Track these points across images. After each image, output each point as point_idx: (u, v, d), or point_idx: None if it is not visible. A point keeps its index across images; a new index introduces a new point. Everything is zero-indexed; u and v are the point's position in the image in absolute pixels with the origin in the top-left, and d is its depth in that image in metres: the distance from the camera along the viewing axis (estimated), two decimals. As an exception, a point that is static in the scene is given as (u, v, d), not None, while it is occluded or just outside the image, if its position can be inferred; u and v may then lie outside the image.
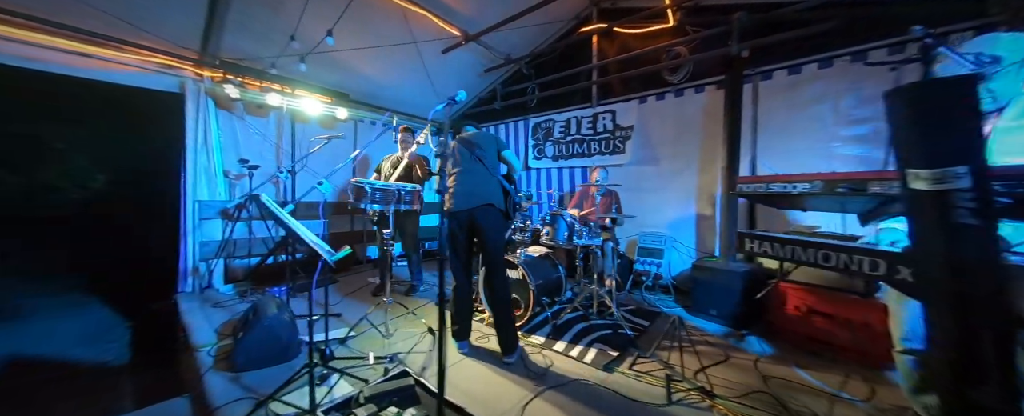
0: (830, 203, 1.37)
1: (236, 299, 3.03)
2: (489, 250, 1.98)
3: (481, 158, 2.03)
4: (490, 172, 2.04)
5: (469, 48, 3.93)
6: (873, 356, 1.90)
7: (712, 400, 1.59)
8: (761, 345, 2.21)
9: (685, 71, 3.19)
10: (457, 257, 2.02)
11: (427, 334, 2.32)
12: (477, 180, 2.02)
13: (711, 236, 3.22)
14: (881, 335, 1.71)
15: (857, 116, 2.54)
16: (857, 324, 2.00)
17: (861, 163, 2.50)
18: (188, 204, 3.24)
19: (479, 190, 1.99)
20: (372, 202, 1.91)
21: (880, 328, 1.82)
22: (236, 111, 3.56)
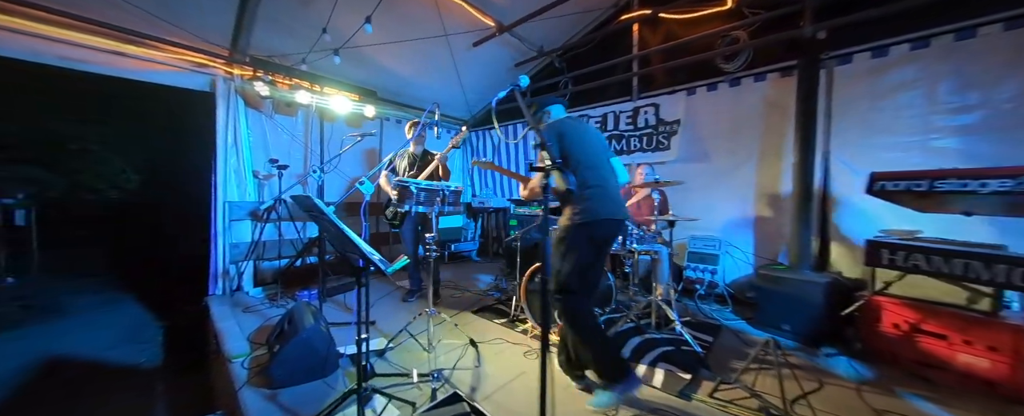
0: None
1: (266, 303, 2.93)
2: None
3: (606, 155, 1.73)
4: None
5: (500, 41, 3.74)
6: (1012, 385, 1.58)
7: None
8: (855, 368, 1.91)
9: (744, 58, 2.89)
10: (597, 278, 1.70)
11: (469, 347, 2.13)
12: (615, 182, 1.70)
13: (773, 240, 2.91)
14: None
15: (959, 103, 2.19)
16: (981, 347, 1.69)
17: (965, 158, 2.15)
18: (218, 205, 3.17)
19: (619, 196, 1.68)
20: (417, 203, 1.73)
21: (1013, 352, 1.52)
22: (265, 110, 3.48)
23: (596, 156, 1.64)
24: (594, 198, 1.55)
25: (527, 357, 2.03)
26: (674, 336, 2.20)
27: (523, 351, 2.09)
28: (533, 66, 4.42)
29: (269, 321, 2.52)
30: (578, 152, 1.57)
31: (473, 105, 5.02)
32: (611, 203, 1.60)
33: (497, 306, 2.87)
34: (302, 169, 3.81)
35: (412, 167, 2.87)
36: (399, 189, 1.70)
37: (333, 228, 0.90)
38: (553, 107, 1.83)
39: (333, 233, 0.99)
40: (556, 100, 1.87)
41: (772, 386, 1.63)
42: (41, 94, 3.80)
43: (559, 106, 1.84)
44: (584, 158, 1.58)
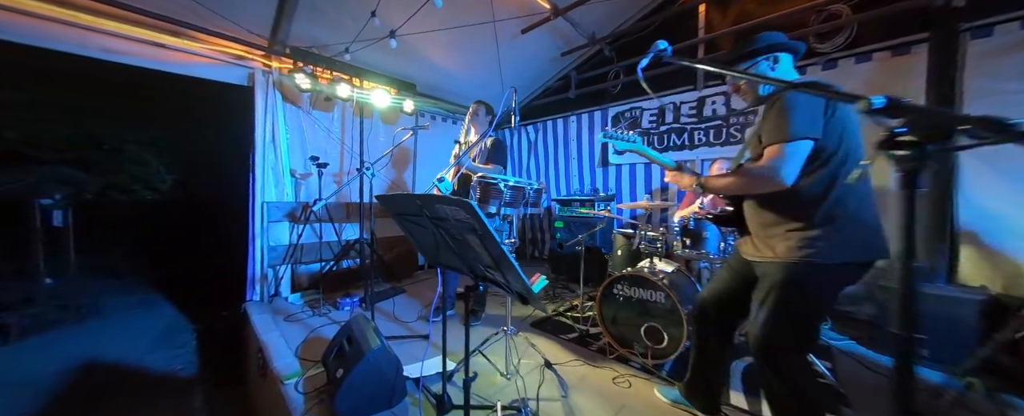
0: None
1: (307, 311, 2.72)
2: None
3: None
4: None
5: (548, 28, 3.45)
6: None
7: None
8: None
9: (845, 36, 2.51)
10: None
11: (545, 369, 1.84)
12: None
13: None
14: None
15: None
16: None
17: None
18: (256, 206, 2.99)
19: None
20: (504, 204, 1.46)
21: None
22: (302, 105, 3.30)
23: (862, 150, 1.08)
24: (860, 220, 1.03)
25: (619, 385, 1.72)
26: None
27: (611, 377, 1.79)
28: (578, 56, 4.11)
29: (315, 333, 2.30)
30: (851, 140, 1.03)
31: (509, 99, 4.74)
32: (878, 233, 1.06)
33: (557, 318, 2.58)
34: (339, 167, 3.62)
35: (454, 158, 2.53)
36: (483, 187, 1.43)
37: (488, 241, 0.63)
38: (785, 57, 1.18)
39: (492, 248, 0.69)
40: (785, 44, 1.17)
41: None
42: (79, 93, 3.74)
43: (790, 57, 1.20)
44: (854, 152, 1.04)
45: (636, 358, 1.92)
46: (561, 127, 4.54)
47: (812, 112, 1.01)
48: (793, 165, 1.01)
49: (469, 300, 0.95)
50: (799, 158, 1.01)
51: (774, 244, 1.12)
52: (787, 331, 1.09)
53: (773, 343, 1.10)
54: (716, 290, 1.38)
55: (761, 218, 1.17)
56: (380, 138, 3.92)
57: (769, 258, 1.12)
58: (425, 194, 0.76)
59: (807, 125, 1.00)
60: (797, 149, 1.01)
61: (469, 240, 0.71)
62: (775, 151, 1.03)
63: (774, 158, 1.03)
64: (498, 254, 0.65)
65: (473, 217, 0.61)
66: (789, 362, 1.11)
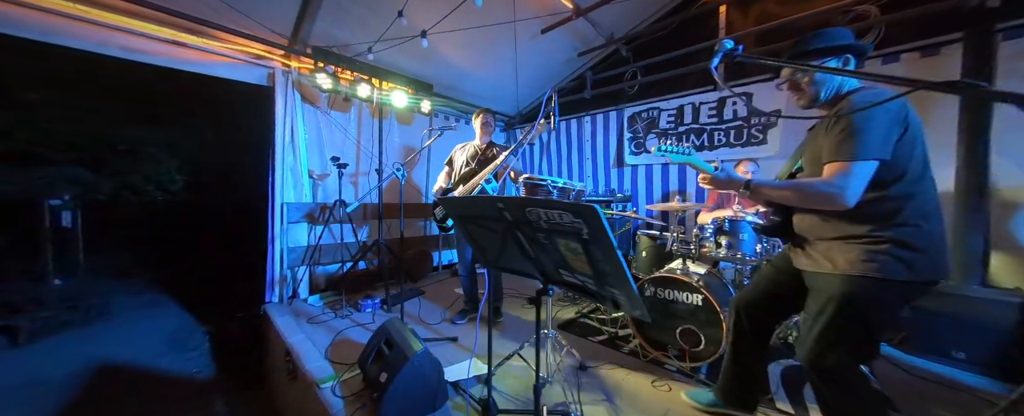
0: None
1: (329, 313, 2.69)
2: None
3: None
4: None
5: (567, 28, 3.43)
6: None
7: None
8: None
9: (873, 37, 2.50)
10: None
11: (580, 372, 1.82)
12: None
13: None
14: None
15: None
16: None
17: None
18: (276, 207, 2.97)
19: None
20: (552, 205, 1.44)
21: None
22: (320, 105, 3.28)
23: (929, 167, 1.05)
24: (928, 238, 0.99)
25: (658, 388, 1.70)
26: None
27: (649, 380, 1.76)
28: (591, 57, 4.10)
29: (342, 335, 2.28)
30: (921, 157, 1.01)
31: (523, 99, 4.73)
32: (944, 252, 1.03)
33: (582, 320, 2.56)
34: (355, 168, 3.60)
35: (472, 161, 2.41)
36: (529, 188, 1.40)
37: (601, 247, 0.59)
38: (854, 60, 1.12)
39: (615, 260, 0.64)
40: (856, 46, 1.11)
41: None
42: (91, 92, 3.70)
43: (855, 62, 1.13)
44: (923, 169, 1.02)
45: (671, 361, 1.90)
46: (575, 127, 4.52)
47: (885, 130, 0.98)
48: (858, 186, 0.98)
49: (540, 303, 0.93)
50: (864, 178, 0.98)
51: (834, 256, 1.07)
52: (841, 348, 1.04)
53: (825, 360, 1.06)
54: (755, 294, 1.36)
55: (821, 230, 1.11)
56: (395, 139, 3.90)
57: (828, 270, 1.07)
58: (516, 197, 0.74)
59: (878, 146, 0.97)
60: (863, 170, 0.97)
61: (559, 244, 0.69)
62: (840, 168, 0.99)
63: (838, 176, 0.99)
64: (615, 261, 0.63)
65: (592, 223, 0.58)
66: (843, 376, 1.07)
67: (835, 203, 0.99)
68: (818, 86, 1.13)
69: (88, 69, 2.42)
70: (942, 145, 2.23)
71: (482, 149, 2.43)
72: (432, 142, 2.25)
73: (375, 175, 3.22)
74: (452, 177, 2.45)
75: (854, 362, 1.09)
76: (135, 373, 3.07)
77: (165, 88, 2.78)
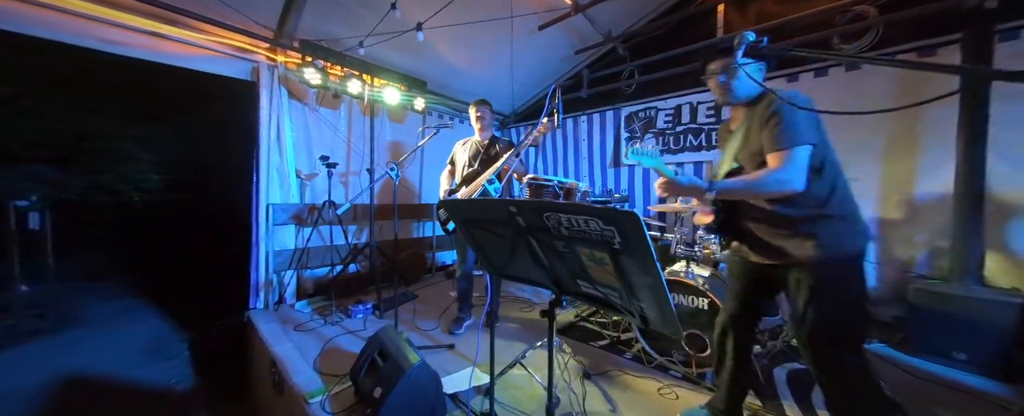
0: None
1: (318, 320, 2.57)
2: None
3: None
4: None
5: (564, 26, 3.37)
6: None
7: None
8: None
9: (871, 38, 2.50)
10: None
11: (584, 380, 1.75)
12: None
13: (903, 247, 2.51)
14: None
15: None
16: None
17: None
18: (261, 208, 2.82)
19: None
20: (558, 207, 1.36)
21: None
22: (308, 101, 3.14)
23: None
24: (856, 216, 1.14)
25: (665, 396, 1.65)
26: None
27: (655, 387, 1.71)
28: (587, 56, 4.04)
29: (331, 343, 2.16)
30: (832, 151, 1.15)
31: (518, 97, 4.65)
32: (866, 226, 1.16)
33: (582, 324, 2.50)
34: (346, 167, 3.46)
35: (474, 161, 2.29)
36: (534, 189, 1.33)
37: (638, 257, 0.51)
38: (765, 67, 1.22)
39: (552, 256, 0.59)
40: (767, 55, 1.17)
41: None
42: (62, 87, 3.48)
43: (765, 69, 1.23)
44: (836, 160, 1.16)
45: (676, 367, 1.85)
46: (571, 126, 4.47)
47: (813, 119, 1.10)
48: (803, 169, 1.07)
49: (553, 315, 0.85)
50: (805, 161, 1.08)
51: (796, 243, 1.12)
52: (838, 335, 1.09)
53: (827, 352, 1.10)
54: (735, 307, 1.36)
55: (774, 223, 1.17)
56: (388, 137, 3.78)
57: (798, 260, 1.12)
58: (533, 200, 0.66)
59: (810, 131, 1.08)
60: (803, 154, 1.07)
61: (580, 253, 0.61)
62: (785, 155, 1.08)
63: (785, 163, 1.07)
64: (654, 274, 0.55)
65: (628, 232, 0.50)
66: (848, 365, 1.09)
67: (788, 188, 1.07)
68: (746, 85, 1.19)
69: (59, 62, 2.25)
70: (940, 146, 2.24)
71: (484, 146, 2.32)
72: (426, 141, 2.15)
73: (367, 175, 3.10)
74: (455, 176, 2.37)
75: (855, 348, 1.11)
76: (108, 385, 2.88)
77: (142, 82, 2.61)
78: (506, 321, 2.52)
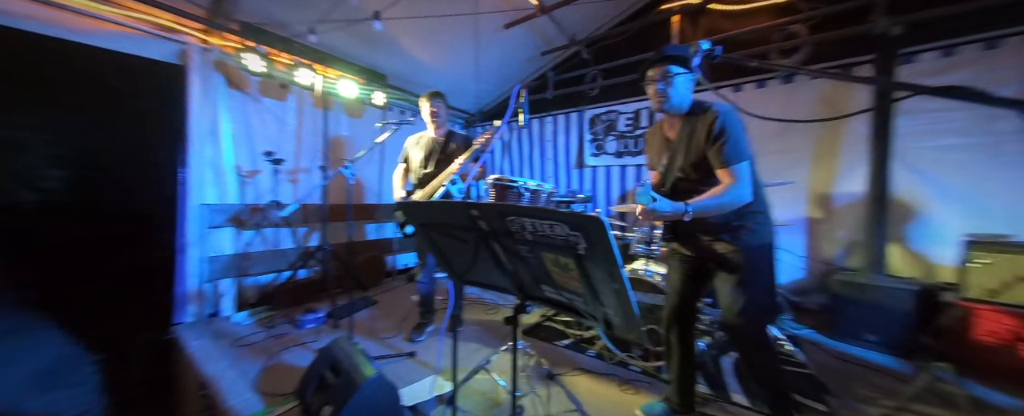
0: None
1: (261, 332, 2.33)
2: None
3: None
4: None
5: (530, 26, 3.38)
6: None
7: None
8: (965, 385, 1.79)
9: (802, 55, 2.78)
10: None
11: (549, 381, 1.75)
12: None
13: (827, 243, 2.82)
14: None
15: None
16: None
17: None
18: (189, 209, 2.50)
19: None
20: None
21: None
22: (250, 91, 2.84)
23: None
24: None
25: (626, 392, 1.69)
26: (771, 354, 1.98)
27: (617, 384, 1.75)
28: (557, 56, 4.09)
29: (276, 359, 1.96)
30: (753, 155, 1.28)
31: (484, 96, 4.60)
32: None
33: (546, 324, 2.51)
34: (294, 164, 3.18)
35: (429, 161, 2.11)
36: (500, 190, 1.28)
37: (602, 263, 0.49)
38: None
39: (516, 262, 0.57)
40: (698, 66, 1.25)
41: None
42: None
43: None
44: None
45: (636, 362, 1.91)
46: (537, 127, 4.50)
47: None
48: (750, 182, 1.19)
49: (516, 322, 0.82)
50: (750, 174, 1.20)
51: (735, 235, 1.25)
52: (763, 309, 1.30)
53: (753, 324, 1.26)
54: (677, 303, 1.46)
55: (713, 220, 1.26)
56: (343, 133, 3.54)
57: (732, 249, 1.25)
58: (496, 203, 0.62)
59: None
60: (749, 168, 1.20)
61: (545, 259, 0.59)
62: (738, 171, 1.18)
63: (740, 178, 1.18)
64: (619, 279, 0.54)
65: (594, 238, 0.48)
66: (766, 335, 1.33)
67: (744, 200, 1.19)
68: (681, 95, 1.27)
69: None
70: (857, 153, 2.55)
71: (440, 144, 2.15)
72: (387, 138, 2.02)
73: (319, 173, 2.88)
74: (410, 175, 2.23)
75: (771, 321, 1.37)
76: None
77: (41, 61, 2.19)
78: (470, 325, 2.46)
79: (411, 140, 2.30)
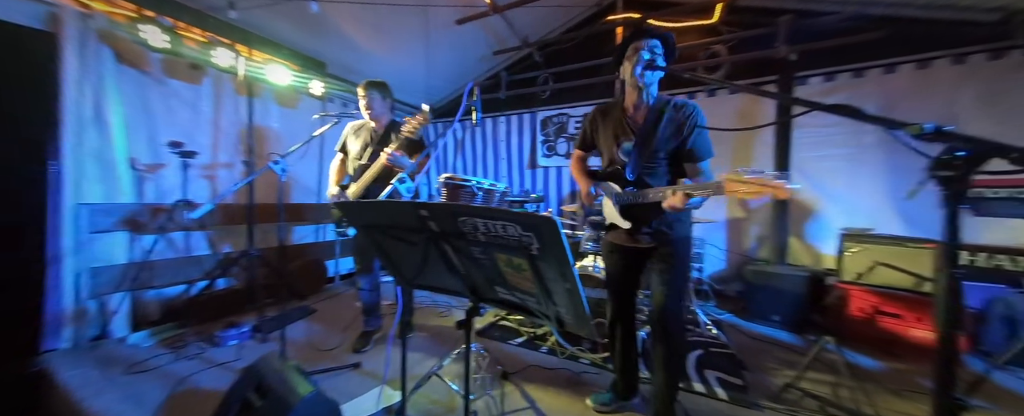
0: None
1: (166, 354, 1.98)
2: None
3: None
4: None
5: (483, 24, 3.35)
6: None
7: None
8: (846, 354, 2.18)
9: (723, 72, 3.14)
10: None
11: (503, 381, 1.75)
12: None
13: (743, 238, 3.24)
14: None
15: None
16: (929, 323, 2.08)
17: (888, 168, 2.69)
18: (65, 210, 2.04)
19: None
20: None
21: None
22: (150, 70, 2.40)
23: None
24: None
25: (575, 385, 1.75)
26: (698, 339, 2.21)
27: (565, 378, 1.80)
28: (507, 58, 4.12)
29: (185, 384, 1.68)
30: None
31: (435, 92, 4.45)
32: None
33: (501, 323, 2.51)
34: (211, 158, 2.77)
35: (364, 152, 1.98)
36: (451, 190, 1.23)
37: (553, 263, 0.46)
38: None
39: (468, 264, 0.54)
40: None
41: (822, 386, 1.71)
42: None
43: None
44: None
45: (586, 354, 2.00)
46: (490, 126, 4.48)
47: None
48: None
49: (470, 325, 0.79)
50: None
51: (671, 227, 1.34)
52: (684, 295, 1.47)
53: (678, 309, 1.36)
54: (619, 299, 1.50)
55: (657, 213, 1.30)
56: (273, 124, 3.16)
57: (669, 240, 1.34)
58: (447, 203, 0.58)
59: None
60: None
61: (498, 260, 0.57)
62: (707, 168, 1.31)
63: (709, 174, 1.29)
64: (570, 279, 0.53)
65: (547, 238, 0.47)
66: (684, 319, 1.52)
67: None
68: (656, 76, 1.30)
69: None
70: (765, 159, 2.95)
71: (379, 134, 2.00)
72: (324, 131, 1.83)
73: (243, 168, 2.54)
74: (348, 167, 2.06)
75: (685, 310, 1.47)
76: None
77: None
78: (421, 331, 2.36)
79: (350, 127, 2.14)
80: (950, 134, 0.50)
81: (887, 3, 2.53)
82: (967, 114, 2.47)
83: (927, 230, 2.39)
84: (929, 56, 2.57)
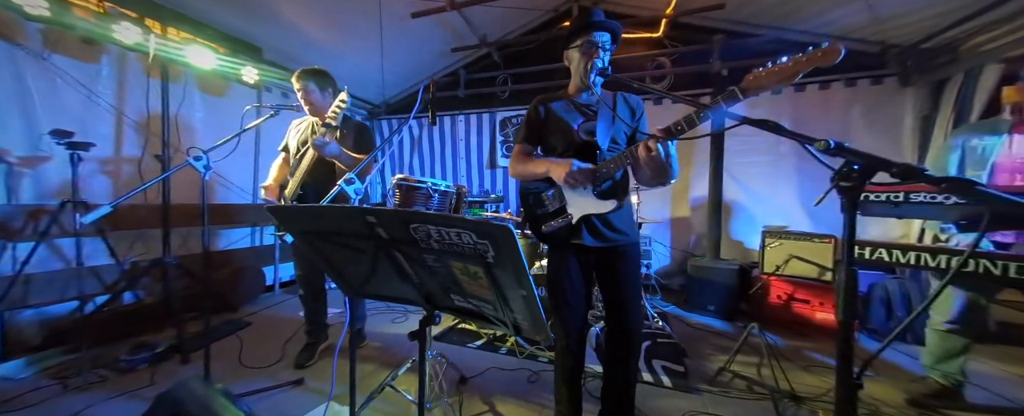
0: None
1: (52, 386, 1.65)
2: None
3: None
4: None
5: (440, 20, 3.25)
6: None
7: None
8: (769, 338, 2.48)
9: (667, 82, 3.40)
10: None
11: (461, 386, 1.71)
12: None
13: (684, 235, 3.53)
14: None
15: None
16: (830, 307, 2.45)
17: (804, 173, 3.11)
18: None
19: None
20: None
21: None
22: (26, 42, 1.98)
23: None
24: None
25: (532, 383, 1.78)
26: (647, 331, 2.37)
27: (527, 378, 1.82)
28: (468, 55, 4.06)
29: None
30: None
31: (390, 88, 4.24)
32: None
33: (460, 327, 2.47)
34: (113, 151, 2.37)
35: (304, 147, 1.81)
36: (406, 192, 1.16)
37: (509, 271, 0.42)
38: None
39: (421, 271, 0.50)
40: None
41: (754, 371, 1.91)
42: None
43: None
44: None
45: (544, 353, 2.03)
46: (449, 125, 4.38)
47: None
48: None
49: (424, 335, 0.75)
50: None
51: (629, 228, 1.28)
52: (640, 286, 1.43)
53: (638, 298, 1.33)
54: (579, 323, 1.30)
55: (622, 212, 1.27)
56: (197, 114, 2.78)
57: (630, 239, 1.27)
58: (398, 210, 0.54)
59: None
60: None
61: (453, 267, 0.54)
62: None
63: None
64: (527, 286, 0.52)
65: (502, 246, 0.45)
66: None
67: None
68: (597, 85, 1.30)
69: None
70: (704, 164, 3.23)
71: (317, 126, 1.83)
72: (258, 124, 1.64)
73: (156, 164, 2.20)
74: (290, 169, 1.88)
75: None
76: None
77: None
78: (374, 340, 2.23)
79: (293, 124, 1.97)
80: (849, 150, 0.59)
81: (799, 31, 2.93)
82: (857, 130, 2.95)
83: (828, 227, 2.80)
84: (828, 79, 3.02)
